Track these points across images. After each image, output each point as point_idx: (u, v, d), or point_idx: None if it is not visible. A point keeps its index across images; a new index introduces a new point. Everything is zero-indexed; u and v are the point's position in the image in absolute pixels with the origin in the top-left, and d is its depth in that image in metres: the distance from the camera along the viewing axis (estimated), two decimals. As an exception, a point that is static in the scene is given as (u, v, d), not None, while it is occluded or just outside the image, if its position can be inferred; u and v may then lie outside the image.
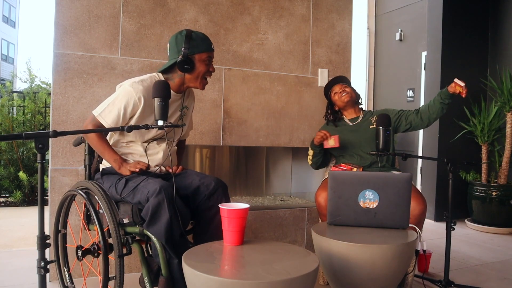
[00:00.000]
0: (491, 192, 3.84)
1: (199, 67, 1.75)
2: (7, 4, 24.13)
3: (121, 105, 1.69)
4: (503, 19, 4.33)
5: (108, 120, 1.69)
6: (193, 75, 1.77)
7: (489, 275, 2.56)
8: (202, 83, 1.80)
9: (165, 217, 1.51)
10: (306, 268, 1.23)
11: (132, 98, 1.68)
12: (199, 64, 1.75)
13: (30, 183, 4.46)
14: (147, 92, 1.69)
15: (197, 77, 1.77)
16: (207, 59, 1.76)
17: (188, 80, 1.78)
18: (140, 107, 1.70)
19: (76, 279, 2.01)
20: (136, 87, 1.69)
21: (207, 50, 1.75)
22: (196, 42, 1.73)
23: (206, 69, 1.77)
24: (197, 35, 1.75)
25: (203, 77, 1.79)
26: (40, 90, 4.91)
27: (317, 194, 2.13)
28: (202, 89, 1.84)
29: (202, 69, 1.76)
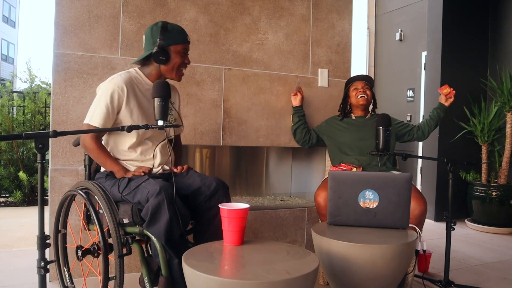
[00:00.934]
0: (491, 192, 3.84)
1: (174, 58, 1.77)
2: (7, 4, 24.13)
3: (106, 101, 1.70)
4: (503, 19, 4.33)
5: (99, 120, 1.70)
6: (169, 67, 1.78)
7: (489, 275, 2.56)
8: (178, 75, 1.82)
9: (165, 217, 1.51)
10: (306, 268, 1.23)
11: (115, 91, 1.71)
12: (174, 55, 1.77)
13: (30, 183, 4.46)
14: (128, 83, 1.74)
15: (172, 69, 1.79)
16: (182, 51, 1.78)
17: (164, 71, 1.80)
18: (124, 97, 1.72)
19: (76, 279, 2.01)
20: (116, 80, 1.73)
21: (182, 41, 1.77)
22: (172, 34, 1.75)
23: (181, 61, 1.79)
24: (173, 27, 1.77)
25: (178, 68, 1.81)
26: (40, 90, 4.91)
27: (316, 194, 2.13)
28: (179, 80, 1.86)
29: (178, 60, 1.78)
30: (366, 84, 2.46)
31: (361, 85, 2.44)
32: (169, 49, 1.76)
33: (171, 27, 1.76)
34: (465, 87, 4.30)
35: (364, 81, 2.46)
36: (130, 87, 1.74)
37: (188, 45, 1.82)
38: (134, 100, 1.75)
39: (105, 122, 1.70)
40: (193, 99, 2.59)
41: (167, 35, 1.74)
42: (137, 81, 1.80)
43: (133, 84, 1.77)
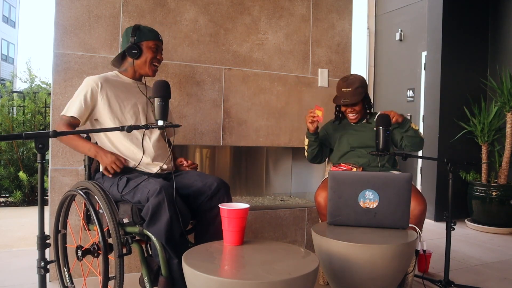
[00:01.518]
0: (491, 192, 3.84)
1: (146, 52, 1.87)
2: (7, 4, 24.13)
3: (81, 95, 1.79)
4: (503, 19, 4.33)
5: (73, 109, 1.78)
6: (141, 61, 1.88)
7: (489, 275, 2.56)
8: (151, 69, 1.91)
9: (165, 217, 1.51)
10: (306, 268, 1.23)
11: (90, 86, 1.81)
12: (146, 50, 1.87)
13: (30, 183, 4.46)
14: (104, 80, 1.84)
15: (145, 63, 1.89)
16: (154, 47, 1.88)
17: (138, 66, 1.90)
18: (99, 92, 1.80)
19: (76, 279, 2.01)
20: (92, 77, 1.84)
21: (153, 38, 1.89)
22: (143, 32, 1.88)
23: (152, 55, 1.88)
24: (145, 27, 1.91)
25: (151, 63, 1.89)
26: (40, 90, 4.91)
27: (316, 194, 2.13)
28: (152, 75, 1.94)
29: (149, 55, 1.88)
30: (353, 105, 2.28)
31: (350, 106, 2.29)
32: (141, 45, 1.87)
33: (143, 27, 1.90)
34: (465, 87, 4.31)
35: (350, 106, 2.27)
36: (104, 81, 1.84)
37: (160, 43, 1.92)
38: (110, 90, 1.83)
39: (76, 111, 1.77)
40: (193, 99, 2.59)
41: (139, 33, 1.87)
42: (114, 78, 1.91)
43: (109, 80, 1.87)
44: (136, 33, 1.86)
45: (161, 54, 1.94)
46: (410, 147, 2.23)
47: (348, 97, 2.25)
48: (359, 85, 2.26)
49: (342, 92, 2.28)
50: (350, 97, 2.24)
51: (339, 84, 2.32)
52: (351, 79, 2.28)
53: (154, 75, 1.95)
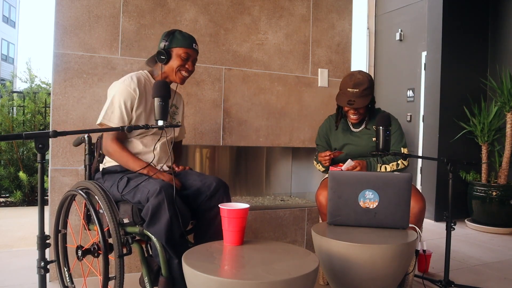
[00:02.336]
0: (491, 192, 3.84)
1: (174, 59, 1.83)
2: (7, 4, 24.13)
3: (120, 102, 1.76)
4: (503, 19, 4.33)
5: (114, 120, 1.75)
6: (169, 67, 1.85)
7: (489, 275, 2.56)
8: (178, 77, 1.86)
9: (165, 217, 1.51)
10: (306, 268, 1.23)
11: (127, 92, 1.77)
12: (175, 57, 1.83)
13: (30, 183, 4.46)
14: (139, 84, 1.80)
15: (172, 70, 1.84)
16: (184, 55, 1.82)
17: (166, 72, 1.87)
18: (136, 98, 1.78)
19: (76, 279, 2.01)
20: (127, 81, 1.79)
21: (185, 46, 1.83)
22: (177, 38, 1.83)
23: (180, 63, 1.83)
24: (181, 33, 1.85)
25: (178, 70, 1.85)
26: (40, 90, 4.91)
27: (318, 194, 2.12)
28: (180, 83, 1.89)
29: (177, 62, 1.83)
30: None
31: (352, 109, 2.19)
32: (171, 51, 1.83)
33: (179, 33, 1.84)
34: (465, 87, 4.31)
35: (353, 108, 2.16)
36: (141, 90, 1.80)
37: (192, 52, 1.85)
38: (143, 103, 1.81)
39: (119, 121, 1.75)
40: (193, 99, 2.59)
41: (172, 38, 1.82)
42: (146, 82, 1.86)
43: (143, 87, 1.83)
44: (169, 38, 1.82)
45: (192, 64, 1.87)
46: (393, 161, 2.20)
47: (354, 99, 2.11)
48: (367, 87, 2.11)
49: (347, 92, 2.13)
50: (356, 99, 2.11)
51: (346, 81, 2.15)
52: (359, 79, 2.11)
53: (182, 83, 1.90)
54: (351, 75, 2.16)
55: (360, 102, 2.12)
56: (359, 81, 2.12)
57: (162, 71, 1.86)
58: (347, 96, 2.14)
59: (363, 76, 2.14)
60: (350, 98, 2.13)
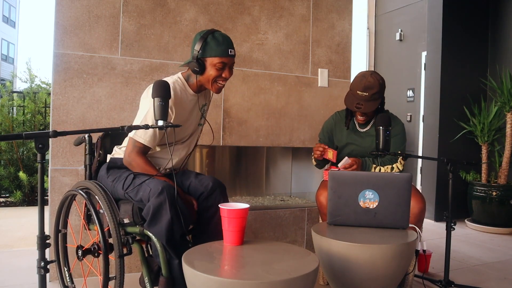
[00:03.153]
0: (491, 192, 3.84)
1: (209, 71, 1.70)
2: (7, 4, 24.13)
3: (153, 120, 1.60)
4: (503, 19, 4.33)
5: (147, 138, 1.68)
6: (204, 78, 1.73)
7: (489, 275, 2.56)
8: (214, 87, 1.75)
9: (166, 217, 1.51)
10: (306, 268, 1.23)
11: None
12: (210, 67, 1.70)
13: (30, 183, 4.46)
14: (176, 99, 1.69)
15: (208, 81, 1.73)
16: (219, 64, 1.69)
17: (201, 82, 1.75)
18: (172, 117, 1.68)
19: (76, 279, 2.01)
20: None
21: (219, 55, 1.68)
22: (210, 46, 1.68)
23: (216, 74, 1.70)
24: (215, 38, 1.69)
25: (214, 81, 1.73)
26: (40, 90, 4.91)
27: (318, 194, 2.12)
28: (216, 92, 1.78)
29: (213, 73, 1.70)
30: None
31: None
32: (205, 61, 1.70)
33: (211, 39, 1.69)
34: (465, 87, 4.31)
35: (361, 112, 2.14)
36: (177, 103, 1.70)
37: (229, 59, 1.71)
38: (178, 115, 1.72)
39: (150, 140, 1.68)
40: (193, 99, 2.59)
41: (205, 47, 1.68)
42: (182, 93, 1.76)
43: (178, 98, 1.72)
44: (201, 45, 1.67)
45: (229, 71, 1.73)
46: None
47: (363, 103, 2.08)
48: (377, 91, 2.07)
49: (357, 94, 2.09)
50: (364, 103, 2.08)
51: (356, 83, 2.11)
52: (370, 83, 2.07)
53: (218, 92, 1.78)
54: (363, 77, 2.11)
55: (368, 107, 2.09)
56: (370, 84, 2.07)
57: (197, 80, 1.76)
58: (356, 99, 2.10)
59: (375, 79, 2.09)
60: (358, 101, 2.09)
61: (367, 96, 2.08)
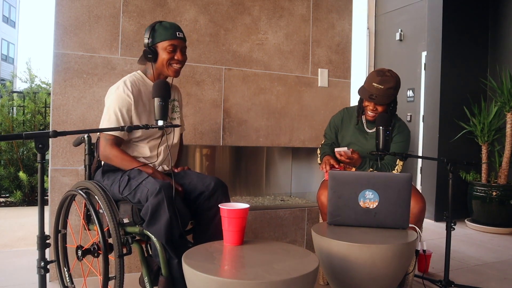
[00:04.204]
0: (491, 192, 3.84)
1: (162, 55, 1.78)
2: (7, 4, 24.13)
3: (115, 109, 1.74)
4: (503, 19, 4.33)
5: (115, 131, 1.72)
6: (159, 63, 1.80)
7: (489, 275, 2.56)
8: (170, 70, 1.82)
9: (165, 217, 1.51)
10: (306, 268, 1.23)
11: (123, 99, 1.75)
12: (161, 52, 1.78)
13: (30, 183, 4.46)
14: (133, 88, 1.78)
15: (163, 65, 1.80)
16: (170, 47, 1.77)
17: (158, 69, 1.83)
18: (132, 103, 1.76)
19: (76, 279, 2.01)
20: (122, 87, 1.76)
21: (168, 38, 1.77)
22: (158, 32, 1.77)
23: (169, 57, 1.78)
24: (162, 25, 1.79)
25: (168, 64, 1.80)
26: (40, 90, 4.90)
27: (319, 194, 2.12)
28: (174, 76, 1.85)
29: (165, 56, 1.78)
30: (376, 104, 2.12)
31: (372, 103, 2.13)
32: (156, 47, 1.78)
33: (159, 26, 1.78)
34: (465, 87, 4.31)
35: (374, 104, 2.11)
36: (136, 93, 1.78)
37: (178, 41, 1.79)
38: (141, 105, 1.79)
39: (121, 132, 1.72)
40: (193, 99, 2.59)
41: (153, 34, 1.77)
42: (140, 84, 1.83)
43: (138, 89, 1.80)
44: (150, 34, 1.77)
45: (181, 53, 1.81)
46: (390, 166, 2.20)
47: (377, 95, 2.06)
48: (392, 86, 2.08)
49: (372, 86, 2.07)
50: (379, 96, 2.06)
51: (372, 76, 2.11)
52: (387, 77, 2.08)
53: (177, 75, 1.85)
54: (380, 71, 2.11)
55: (382, 99, 2.08)
56: (387, 79, 2.08)
57: (153, 69, 1.83)
58: (370, 90, 2.09)
59: (391, 76, 2.10)
60: (373, 93, 2.08)
61: (383, 89, 2.06)
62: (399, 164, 2.19)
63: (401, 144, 2.21)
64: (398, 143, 2.20)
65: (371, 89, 2.09)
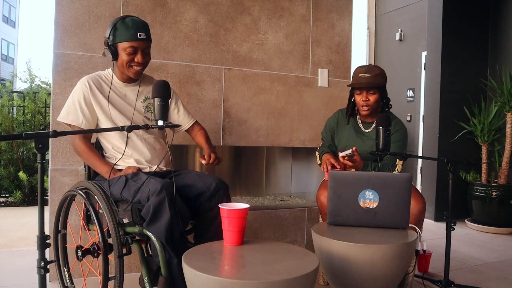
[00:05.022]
0: (491, 192, 3.84)
1: (121, 56, 1.73)
2: (7, 4, 24.13)
3: (74, 100, 1.77)
4: (503, 19, 4.33)
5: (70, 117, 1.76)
6: (119, 64, 1.76)
7: (489, 275, 2.56)
8: (130, 72, 1.77)
9: (166, 216, 1.50)
10: (306, 268, 1.23)
11: (80, 89, 1.77)
12: (121, 53, 1.73)
13: (30, 183, 4.46)
14: (94, 79, 1.79)
15: (122, 66, 1.76)
16: (130, 49, 1.71)
17: (120, 68, 1.79)
18: (89, 92, 1.76)
19: (76, 279, 2.01)
20: (82, 80, 1.80)
21: (128, 39, 1.70)
22: (119, 31, 1.70)
23: (128, 59, 1.73)
24: (124, 23, 1.70)
25: (128, 66, 1.75)
26: (40, 90, 4.91)
27: (319, 194, 2.12)
28: (134, 77, 1.81)
29: (124, 58, 1.73)
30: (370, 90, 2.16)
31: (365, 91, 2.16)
32: (116, 46, 1.73)
33: (121, 24, 1.70)
34: (465, 87, 4.31)
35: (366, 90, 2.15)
36: (95, 82, 1.79)
37: (139, 42, 1.71)
38: (100, 95, 1.79)
39: (74, 119, 1.75)
40: (193, 99, 2.59)
41: (115, 32, 1.70)
42: (106, 78, 1.85)
43: (100, 81, 1.82)
44: (111, 32, 1.70)
45: (142, 55, 1.73)
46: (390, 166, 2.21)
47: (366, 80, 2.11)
48: (379, 73, 2.13)
49: (359, 77, 2.14)
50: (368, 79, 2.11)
51: (357, 70, 2.17)
52: (371, 67, 2.15)
53: (137, 77, 1.82)
54: (363, 65, 2.20)
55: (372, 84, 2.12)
56: (372, 67, 2.15)
57: (114, 68, 1.80)
58: (359, 81, 2.14)
59: (375, 66, 2.19)
60: (362, 81, 2.13)
61: (370, 76, 2.12)
62: (399, 163, 2.19)
63: (399, 143, 2.22)
64: (396, 143, 2.20)
65: (360, 80, 2.14)
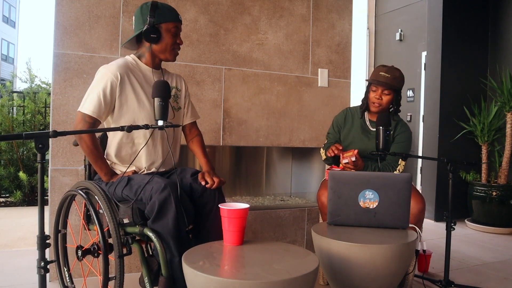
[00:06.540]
0: (491, 192, 3.84)
1: (165, 37, 1.70)
2: (7, 4, 24.13)
3: (99, 89, 1.65)
4: (503, 19, 4.33)
5: (91, 107, 1.64)
6: (161, 46, 1.72)
7: (489, 275, 2.56)
8: (171, 54, 1.76)
9: (172, 211, 1.49)
10: (306, 268, 1.23)
11: (108, 78, 1.66)
12: (165, 34, 1.70)
13: (30, 183, 4.46)
14: (123, 70, 1.69)
15: (165, 49, 1.73)
16: (174, 30, 1.71)
17: (157, 51, 1.74)
18: (118, 84, 1.67)
19: (76, 279, 2.01)
20: (109, 67, 1.69)
21: (174, 20, 1.70)
22: (162, 11, 1.68)
23: (173, 41, 1.72)
24: (163, 5, 1.71)
25: (172, 48, 1.74)
26: (40, 90, 4.91)
27: (319, 194, 2.12)
28: (173, 60, 1.78)
29: (169, 40, 1.71)
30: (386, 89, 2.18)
31: (380, 89, 2.19)
32: (160, 27, 1.69)
33: (161, 5, 1.70)
34: (465, 87, 4.31)
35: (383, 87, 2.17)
36: (125, 74, 1.70)
37: (180, 25, 1.75)
38: (129, 86, 1.71)
39: (96, 110, 1.65)
40: (193, 99, 2.59)
41: (158, 12, 1.67)
42: (133, 67, 1.76)
43: (128, 71, 1.72)
44: (155, 12, 1.65)
45: (180, 37, 1.76)
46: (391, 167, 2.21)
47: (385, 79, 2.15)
48: (398, 76, 2.18)
49: (379, 75, 2.18)
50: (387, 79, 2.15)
51: (379, 68, 2.21)
52: (393, 68, 2.19)
53: (174, 60, 1.79)
54: (385, 65, 2.23)
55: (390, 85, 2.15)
56: (393, 69, 2.18)
57: (151, 51, 1.74)
58: (377, 78, 2.17)
59: (397, 69, 2.22)
60: (381, 80, 2.16)
61: (390, 77, 2.15)
62: (401, 164, 2.20)
63: (403, 144, 2.24)
64: (401, 143, 2.22)
65: (379, 78, 2.17)
